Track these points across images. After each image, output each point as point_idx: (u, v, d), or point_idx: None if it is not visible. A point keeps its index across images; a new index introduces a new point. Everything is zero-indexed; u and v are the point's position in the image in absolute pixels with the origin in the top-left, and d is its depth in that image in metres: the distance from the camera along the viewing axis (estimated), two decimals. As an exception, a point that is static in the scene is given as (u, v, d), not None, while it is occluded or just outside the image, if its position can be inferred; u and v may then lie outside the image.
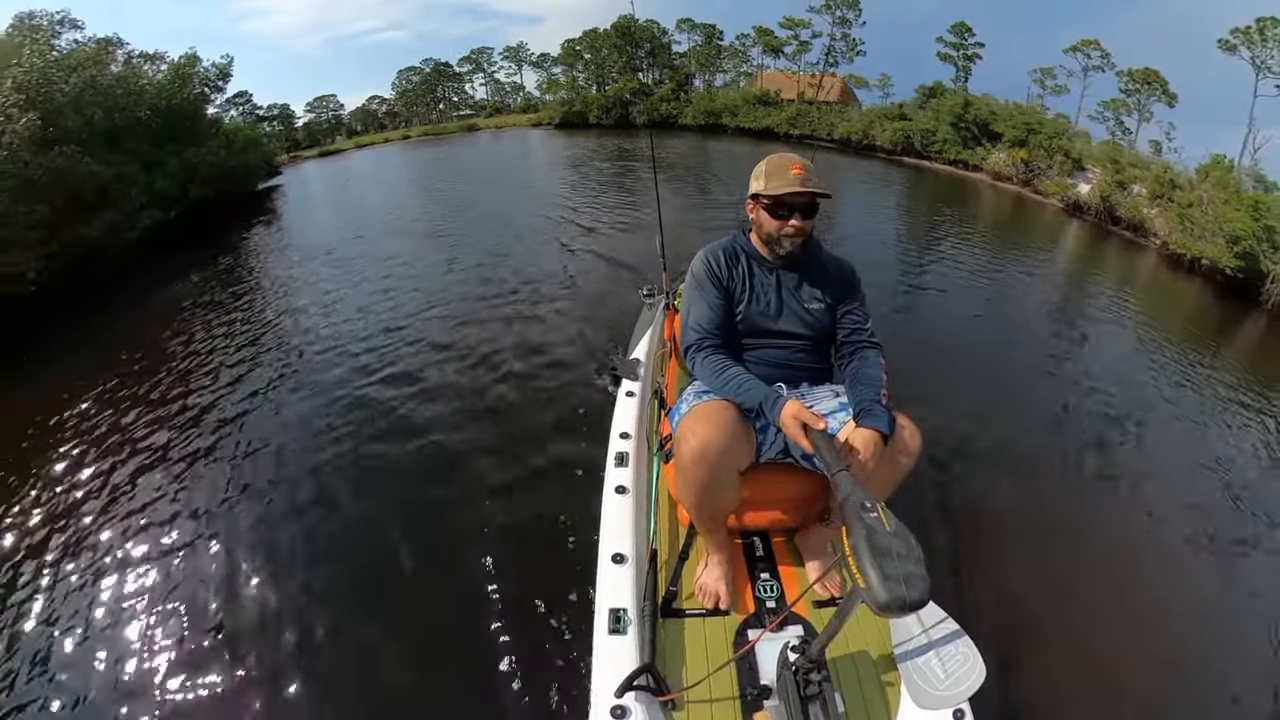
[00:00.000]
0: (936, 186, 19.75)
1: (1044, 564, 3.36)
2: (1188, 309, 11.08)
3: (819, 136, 26.83)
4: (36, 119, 9.19)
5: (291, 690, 2.52)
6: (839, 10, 29.89)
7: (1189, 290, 12.40)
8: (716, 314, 1.78)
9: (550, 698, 2.39)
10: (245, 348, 6.35)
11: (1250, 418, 5.99)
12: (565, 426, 4.23)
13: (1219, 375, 7.18)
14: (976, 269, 10.01)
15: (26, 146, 9.13)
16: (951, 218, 14.92)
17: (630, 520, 1.85)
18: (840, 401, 1.73)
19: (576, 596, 2.77)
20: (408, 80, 42.29)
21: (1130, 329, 8.55)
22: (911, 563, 1.05)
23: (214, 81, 15.34)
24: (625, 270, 7.90)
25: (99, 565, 3.39)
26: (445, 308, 6.94)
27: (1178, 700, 2.76)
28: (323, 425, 4.56)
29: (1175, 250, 13.82)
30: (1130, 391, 6.03)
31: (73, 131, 10.44)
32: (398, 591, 3.03)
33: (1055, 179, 18.60)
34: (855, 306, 1.85)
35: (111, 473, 4.28)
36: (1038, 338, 7.45)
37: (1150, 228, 15.33)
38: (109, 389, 5.56)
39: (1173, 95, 23.44)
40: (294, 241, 11.80)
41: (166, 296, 8.54)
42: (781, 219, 1.74)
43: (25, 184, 9.01)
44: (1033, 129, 19.97)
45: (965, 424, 4.52)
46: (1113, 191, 16.52)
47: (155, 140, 12.88)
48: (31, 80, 9.97)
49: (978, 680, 1.35)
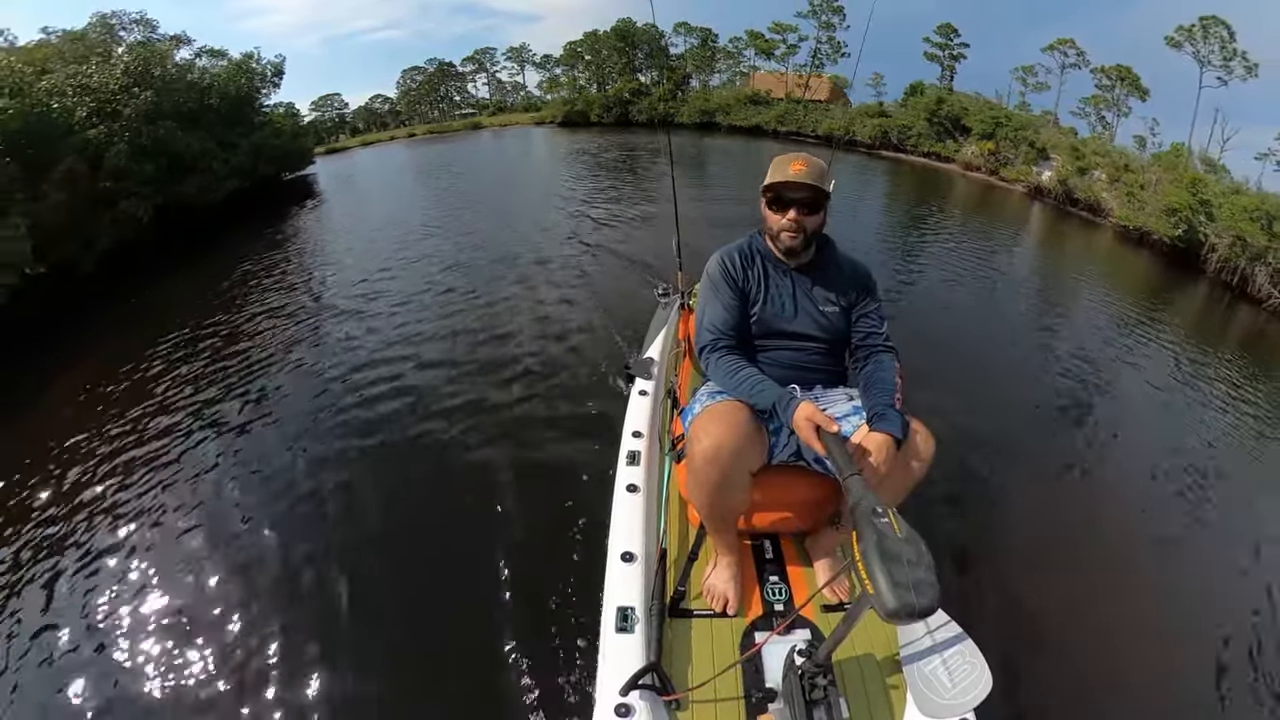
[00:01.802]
0: (912, 177, 21.34)
1: (1038, 559, 3.38)
2: (1137, 276, 12.51)
3: (805, 133, 28.52)
4: (153, 97, 10.89)
5: (296, 685, 2.53)
6: (824, 15, 31.98)
7: (1139, 261, 13.91)
8: (731, 315, 1.78)
9: (556, 693, 2.41)
10: (290, 309, 7.25)
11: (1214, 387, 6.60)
12: (577, 422, 4.27)
13: (1164, 336, 8.00)
14: (947, 247, 11.03)
15: (140, 118, 10.77)
16: (926, 204, 16.49)
17: (640, 519, 1.85)
18: (854, 405, 1.72)
19: (585, 593, 2.74)
20: (412, 80, 43.76)
21: (1091, 296, 9.57)
22: (921, 570, 1.04)
23: (270, 78, 17.01)
24: (636, 228, 9.20)
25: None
26: (469, 286, 7.45)
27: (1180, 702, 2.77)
28: (332, 406, 4.76)
29: (1121, 224, 15.70)
30: (1089, 353, 6.60)
31: (168, 111, 12.08)
32: (405, 583, 3.06)
33: (1019, 166, 20.48)
34: (870, 310, 1.85)
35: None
36: (1005, 306, 8.25)
37: (1105, 207, 17.07)
38: (216, 306, 7.17)
39: (1144, 90, 24.82)
40: (337, 220, 13.61)
41: (249, 246, 10.61)
42: (780, 212, 1.76)
43: (140, 149, 10.74)
44: (1000, 122, 21.79)
45: (950, 399, 4.64)
46: (1070, 175, 18.36)
47: (225, 124, 14.55)
48: (136, 67, 11.59)
49: (984, 690, 1.32)
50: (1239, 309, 11.44)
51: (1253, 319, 10.89)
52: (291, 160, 18.25)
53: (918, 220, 13.66)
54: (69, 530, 3.64)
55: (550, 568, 2.96)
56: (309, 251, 10.42)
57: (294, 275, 8.83)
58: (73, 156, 9.70)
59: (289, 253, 10.27)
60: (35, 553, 3.50)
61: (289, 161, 18.05)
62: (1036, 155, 20.73)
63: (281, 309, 7.25)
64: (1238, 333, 10.06)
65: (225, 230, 12.33)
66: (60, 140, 9.96)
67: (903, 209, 15.33)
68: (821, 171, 1.72)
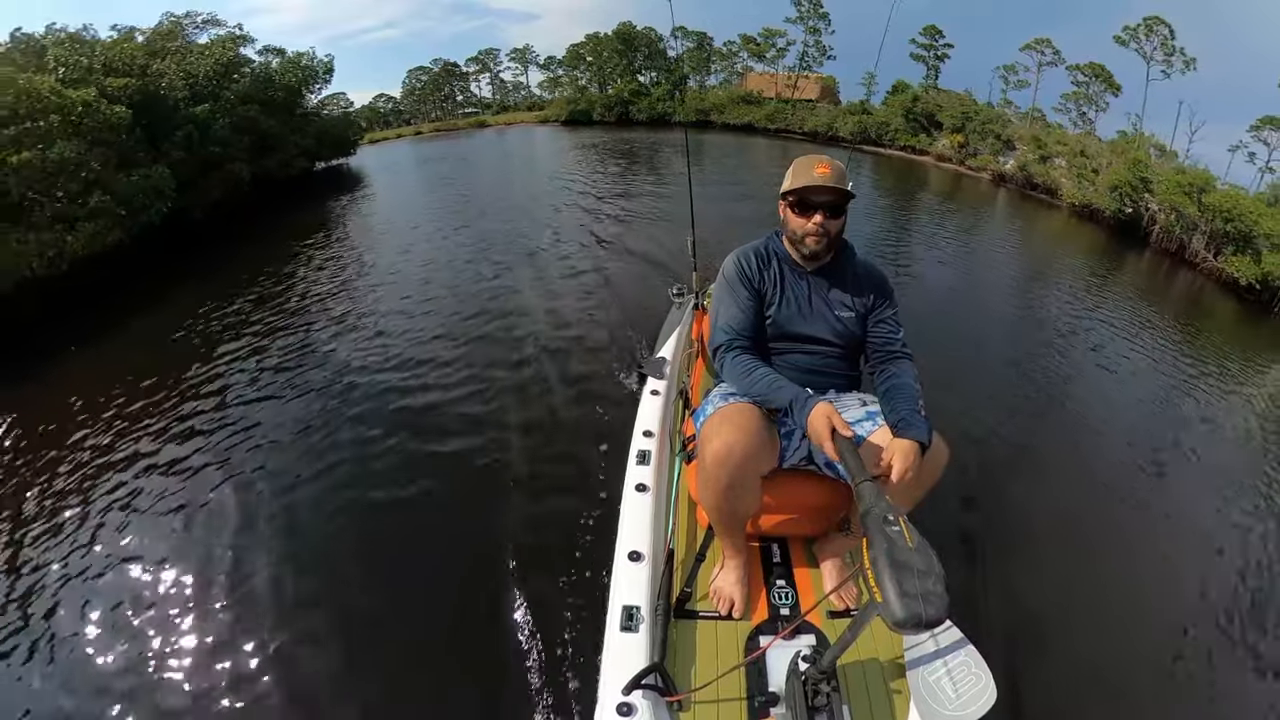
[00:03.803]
0: (890, 167, 23.59)
1: (1033, 554, 3.43)
2: (1088, 246, 14.56)
3: (792, 130, 30.90)
4: (246, 84, 13.01)
5: (301, 681, 2.58)
6: (810, 21, 34.42)
7: (1091, 234, 16.04)
8: (747, 315, 1.77)
9: (558, 689, 2.43)
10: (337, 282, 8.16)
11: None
12: (588, 420, 4.32)
13: (1115, 293, 9.63)
14: (920, 229, 12.65)
15: (238, 100, 12.79)
16: (900, 190, 18.69)
17: (649, 518, 1.85)
18: (867, 410, 1.71)
19: (590, 591, 2.78)
20: (417, 79, 45.52)
21: (1047, 264, 11.42)
22: (931, 580, 1.03)
23: (321, 75, 19.16)
24: (641, 192, 11.29)
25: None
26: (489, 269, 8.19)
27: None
28: (341, 392, 5.00)
29: (1070, 201, 17.93)
30: (1043, 312, 7.56)
31: (253, 96, 14.26)
32: (410, 575, 3.10)
33: (983, 156, 22.86)
34: (887, 315, 1.82)
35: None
36: (973, 278, 9.34)
37: (1060, 190, 19.24)
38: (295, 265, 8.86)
39: (1117, 86, 25.97)
40: (380, 204, 15.61)
41: (323, 210, 13.39)
42: (805, 216, 1.73)
43: (235, 126, 12.91)
44: (968, 117, 24.23)
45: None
46: (1029, 162, 20.70)
47: (286, 113, 16.81)
48: (226, 58, 13.69)
49: (989, 701, 1.31)
50: (1179, 271, 13.70)
51: (1191, 279, 13.20)
52: (344, 146, 21.11)
53: (897, 205, 15.82)
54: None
55: (557, 564, 2.99)
56: (358, 229, 12.29)
57: (350, 246, 10.47)
58: (190, 125, 11.70)
59: (350, 224, 12.40)
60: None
61: (343, 146, 20.90)
62: (1002, 146, 23.09)
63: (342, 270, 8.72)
64: (1180, 289, 12.24)
65: (300, 199, 14.81)
66: (172, 113, 11.96)
67: (886, 196, 17.40)
68: (843, 173, 1.72)
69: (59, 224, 8.40)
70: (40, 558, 3.44)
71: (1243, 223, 12.99)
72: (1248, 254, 12.57)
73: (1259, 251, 12.35)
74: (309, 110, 19.34)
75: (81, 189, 8.74)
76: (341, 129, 20.86)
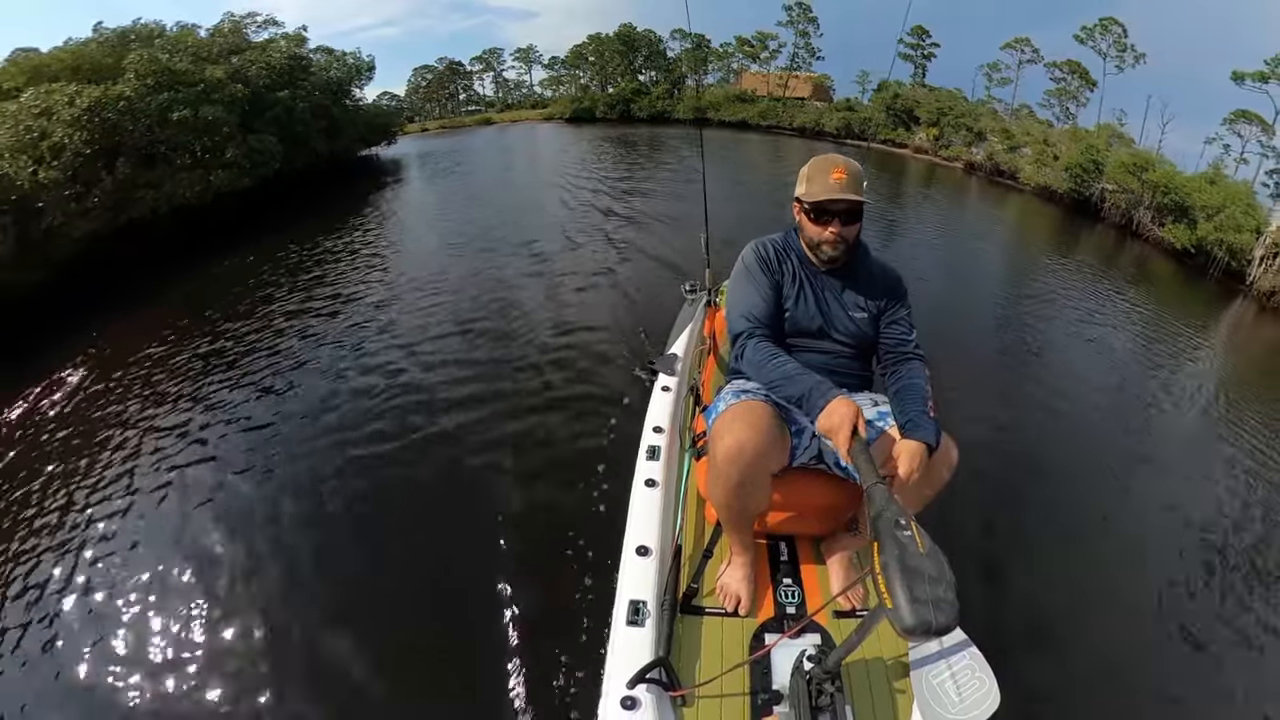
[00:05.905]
0: (871, 159, 25.52)
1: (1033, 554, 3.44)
2: (1048, 224, 16.80)
3: (783, 126, 33.17)
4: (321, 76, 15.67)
5: (305, 678, 2.61)
6: (800, 25, 36.93)
7: (1051, 213, 18.26)
8: (768, 304, 1.76)
9: (564, 682, 2.47)
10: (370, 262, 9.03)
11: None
12: (598, 415, 4.34)
13: (1073, 261, 11.19)
14: (901, 215, 14.10)
15: (312, 88, 15.19)
16: (882, 179, 20.66)
17: (657, 514, 1.86)
18: (879, 410, 1.72)
19: (598, 585, 2.83)
20: (422, 78, 47.26)
21: (1012, 239, 13.49)
22: (942, 587, 1.02)
23: (365, 72, 21.28)
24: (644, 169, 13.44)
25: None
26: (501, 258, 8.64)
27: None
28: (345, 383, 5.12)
29: (1027, 182, 20.29)
30: (1018, 286, 8.44)
31: (321, 87, 17.20)
32: (417, 567, 3.13)
33: (956, 147, 25.34)
34: (900, 316, 1.82)
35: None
36: (942, 255, 10.33)
37: (1020, 175, 21.66)
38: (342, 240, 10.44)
39: (1093, 81, 28.19)
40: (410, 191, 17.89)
41: (372, 189, 15.78)
42: (822, 225, 1.72)
43: (311, 111, 15.52)
44: (943, 111, 26.71)
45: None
46: (996, 152, 23.11)
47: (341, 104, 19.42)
48: (293, 53, 16.28)
49: (992, 705, 1.32)
50: (1129, 243, 15.93)
51: (1141, 249, 15.44)
52: (385, 135, 23.59)
53: (880, 194, 17.79)
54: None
55: (564, 558, 3.02)
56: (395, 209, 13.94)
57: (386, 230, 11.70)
58: (278, 107, 13.89)
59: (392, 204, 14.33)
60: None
61: (384, 135, 23.41)
62: (974, 137, 25.51)
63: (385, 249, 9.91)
64: (1129, 258, 14.20)
65: (353, 179, 17.37)
66: (261, 97, 14.10)
67: (871, 184, 19.58)
68: (859, 176, 1.69)
69: (199, 169, 11.19)
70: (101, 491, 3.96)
71: (1178, 195, 15.28)
72: (1183, 223, 14.79)
73: (1194, 221, 14.51)
74: (356, 102, 21.57)
75: (217, 144, 11.54)
76: (387, 118, 23.99)
